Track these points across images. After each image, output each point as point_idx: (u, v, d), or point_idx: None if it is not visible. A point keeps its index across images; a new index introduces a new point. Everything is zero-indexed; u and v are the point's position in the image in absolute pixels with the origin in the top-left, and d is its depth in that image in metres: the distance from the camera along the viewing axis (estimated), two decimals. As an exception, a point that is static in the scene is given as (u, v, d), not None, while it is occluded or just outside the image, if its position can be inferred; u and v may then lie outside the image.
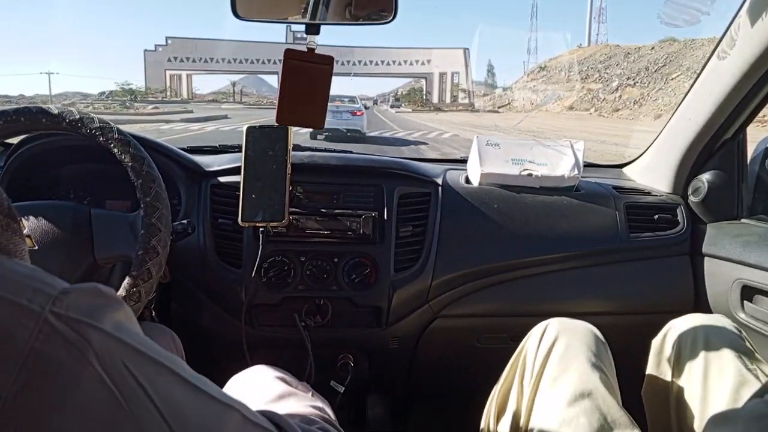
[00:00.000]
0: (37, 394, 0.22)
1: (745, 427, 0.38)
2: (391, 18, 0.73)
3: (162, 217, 0.70)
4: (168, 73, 62.03)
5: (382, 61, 61.79)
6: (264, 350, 0.97)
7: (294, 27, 0.85)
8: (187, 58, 61.34)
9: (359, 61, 60.14)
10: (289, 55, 0.68)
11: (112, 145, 0.70)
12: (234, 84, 60.79)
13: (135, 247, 0.69)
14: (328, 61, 0.69)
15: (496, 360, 0.78)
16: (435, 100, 55.59)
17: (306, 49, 0.69)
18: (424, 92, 56.61)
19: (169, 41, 62.08)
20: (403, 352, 1.00)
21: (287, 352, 0.98)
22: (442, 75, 60.30)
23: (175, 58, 61.12)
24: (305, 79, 0.69)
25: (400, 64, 62.00)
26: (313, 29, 0.71)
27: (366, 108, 13.96)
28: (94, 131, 0.70)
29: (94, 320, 0.25)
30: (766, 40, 0.79)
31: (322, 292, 0.92)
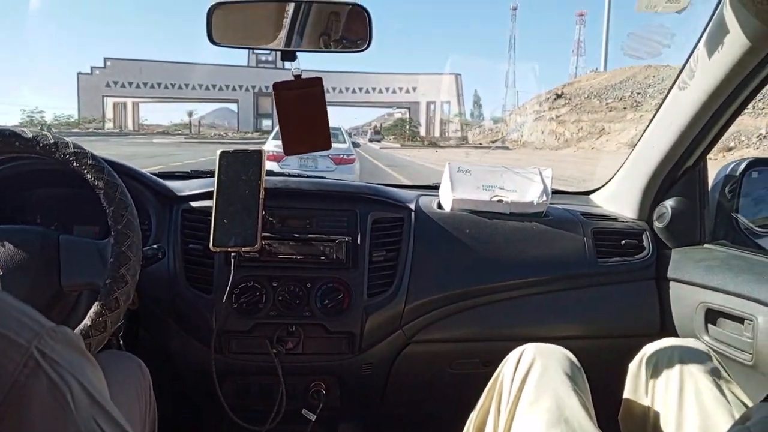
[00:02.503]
0: (18, 426, 0.26)
1: None
2: (366, 46, 0.92)
3: (132, 246, 0.80)
4: (109, 100, 62.30)
5: (360, 89, 63.11)
6: (234, 378, 1.12)
7: (257, 50, 1.06)
8: (130, 83, 61.57)
9: (333, 88, 61.19)
10: (279, 87, 0.84)
11: (85, 171, 0.80)
12: (191, 114, 61.24)
13: (103, 276, 0.79)
14: (317, 82, 0.86)
15: (468, 386, 0.94)
16: (422, 133, 56.78)
17: (292, 77, 0.86)
18: (413, 123, 57.40)
19: (108, 63, 62.20)
20: (375, 377, 1.16)
21: (257, 379, 1.13)
22: (429, 104, 62.08)
23: (115, 83, 61.20)
24: (300, 107, 0.85)
25: (381, 91, 63.47)
26: (289, 56, 0.89)
27: (356, 146, 10.46)
28: (68, 156, 0.80)
29: (75, 372, 0.30)
30: (723, 72, 1.00)
31: (294, 318, 1.07)
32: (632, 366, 0.95)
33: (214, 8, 0.90)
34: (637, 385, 0.93)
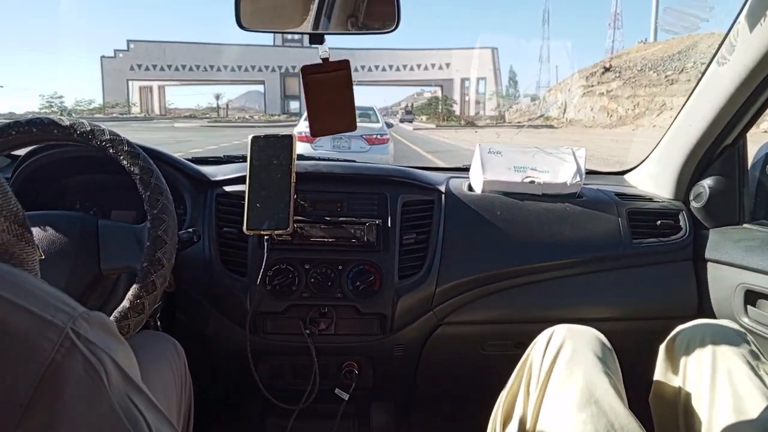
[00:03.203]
0: (55, 402, 0.28)
1: None
2: (394, 27, 0.95)
3: (168, 230, 0.85)
4: (134, 84, 63.57)
5: (391, 66, 62.64)
6: (268, 358, 1.21)
7: (285, 33, 1.11)
8: (154, 66, 62.58)
9: (362, 67, 60.90)
10: (306, 71, 0.89)
11: (121, 157, 0.87)
12: (218, 97, 61.92)
13: (140, 259, 0.84)
14: (344, 65, 0.90)
15: (500, 367, 0.99)
16: (457, 112, 56.02)
17: (320, 60, 0.90)
18: (448, 102, 56.32)
19: (132, 45, 63.22)
20: (407, 359, 1.23)
21: (291, 359, 1.21)
22: (464, 81, 61.18)
23: (139, 66, 62.20)
24: (327, 89, 0.90)
25: (412, 68, 62.85)
26: (316, 39, 0.92)
27: (389, 126, 10.91)
28: (104, 143, 0.87)
29: (110, 352, 0.33)
30: (765, 46, 1.01)
31: (326, 299, 1.15)
32: (663, 347, 0.98)
33: None
34: (668, 367, 0.96)
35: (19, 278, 0.33)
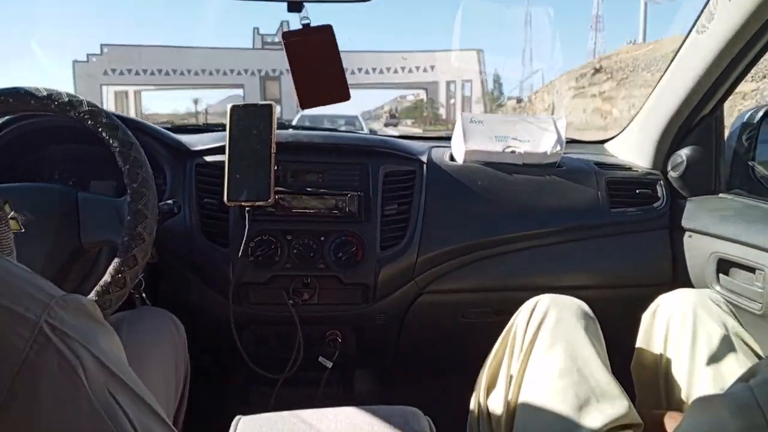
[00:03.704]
0: (30, 403, 0.27)
1: (730, 416, 0.45)
2: None
3: (148, 203, 0.87)
4: (109, 89, 62.95)
5: (374, 69, 62.87)
6: (252, 328, 1.24)
7: (262, 31, 1.12)
8: (129, 70, 62.04)
9: (344, 69, 61.30)
10: (287, 36, 0.90)
11: (100, 129, 0.87)
12: (196, 102, 61.46)
13: (121, 233, 0.86)
14: (326, 29, 0.90)
15: (480, 334, 1.03)
16: (443, 115, 56.34)
17: (301, 26, 0.90)
18: (434, 105, 56.41)
19: (105, 49, 62.95)
20: (389, 327, 1.27)
21: (275, 329, 1.24)
22: (449, 84, 61.60)
23: (113, 71, 61.79)
24: (312, 56, 0.90)
25: (396, 71, 63.04)
26: (295, 6, 0.91)
27: (372, 133, 12.04)
28: (82, 114, 0.88)
29: (86, 342, 0.32)
30: (743, 15, 1.05)
31: (309, 270, 1.18)
32: (645, 316, 1.03)
33: None
34: (650, 335, 1.00)
35: (5, 273, 0.31)
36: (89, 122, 0.88)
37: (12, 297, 0.30)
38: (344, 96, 0.92)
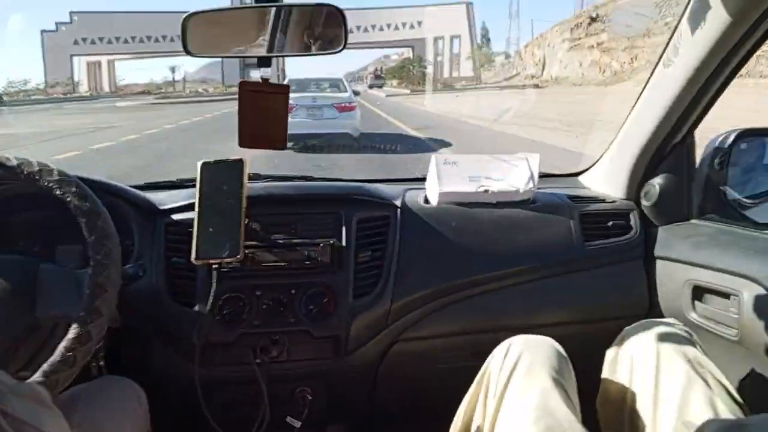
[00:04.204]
0: None
1: None
2: (341, 47, 0.99)
3: (111, 276, 0.88)
4: (81, 60, 61.35)
5: (358, 27, 61.52)
6: (219, 390, 1.24)
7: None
8: (101, 39, 60.47)
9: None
10: (245, 86, 0.94)
11: (68, 198, 0.89)
12: (173, 70, 59.95)
13: (77, 307, 0.85)
14: (284, 90, 0.96)
15: (456, 379, 1.05)
16: (431, 74, 55.54)
17: (260, 80, 0.96)
18: (421, 62, 55.33)
19: (75, 17, 60.93)
20: (362, 379, 1.29)
21: (243, 388, 1.24)
22: (437, 40, 60.51)
23: (84, 40, 60.15)
24: (263, 107, 0.95)
25: (381, 29, 61.95)
26: (265, 62, 0.98)
27: (357, 94, 12.40)
28: (51, 184, 0.90)
29: (38, 424, 0.38)
30: (706, 49, 1.09)
31: (278, 325, 1.19)
32: (609, 351, 1.04)
33: (189, 18, 0.98)
34: (614, 369, 1.01)
35: None
36: (57, 192, 0.90)
37: None
38: (282, 145, 0.97)
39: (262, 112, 0.95)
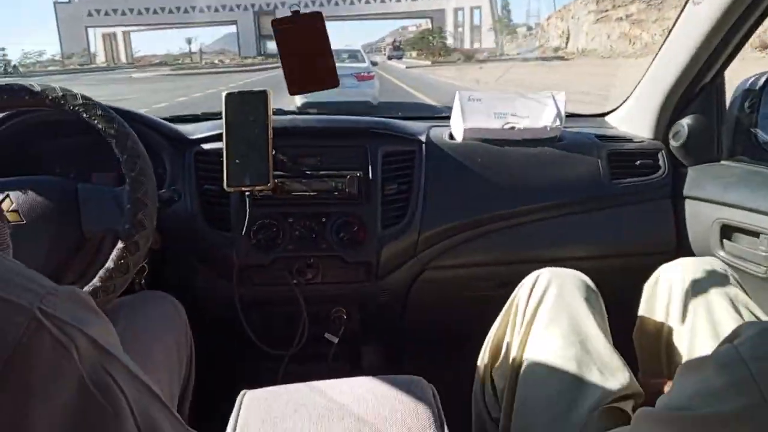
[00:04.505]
0: (25, 384, 0.30)
1: (715, 373, 0.48)
2: None
3: (148, 191, 0.92)
4: (97, 31, 61.51)
5: (375, -2, 61.12)
6: (258, 308, 1.32)
7: None
8: (114, 10, 60.61)
9: (344, 0, 59.59)
10: (277, 24, 0.94)
11: (95, 122, 0.92)
12: (190, 41, 59.80)
13: (122, 221, 0.91)
14: (317, 17, 0.94)
15: (484, 307, 1.10)
16: (452, 45, 54.80)
17: (291, 13, 0.95)
18: (441, 33, 54.52)
19: None
20: (394, 303, 1.36)
21: (281, 308, 1.32)
22: (457, 11, 59.67)
23: (98, 11, 60.35)
24: (302, 42, 0.95)
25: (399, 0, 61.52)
26: None
27: (375, 64, 12.96)
28: (77, 107, 0.93)
29: (80, 325, 0.35)
30: None
31: (311, 251, 1.25)
32: (647, 286, 1.06)
33: None
34: (652, 305, 1.04)
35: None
36: (84, 115, 0.93)
37: (7, 288, 0.33)
38: (334, 83, 0.96)
39: (304, 50, 0.94)
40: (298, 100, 6.23)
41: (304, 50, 0.95)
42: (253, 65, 41.12)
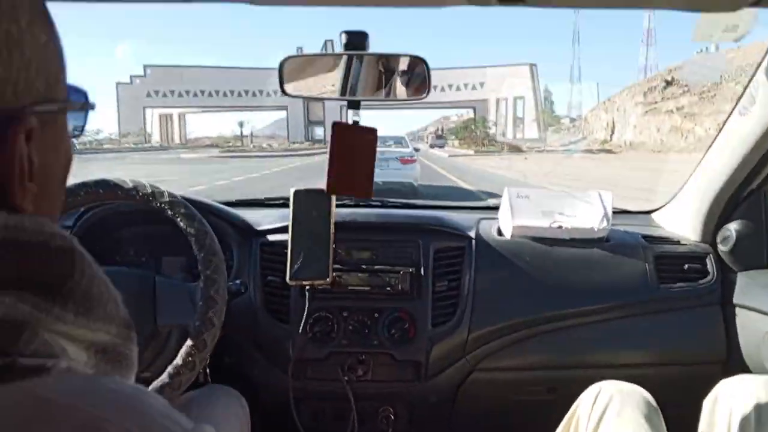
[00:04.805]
0: None
1: None
2: (425, 94, 1.13)
3: (219, 290, 1.00)
4: (154, 112, 64.93)
5: (420, 88, 62.90)
6: (309, 403, 1.36)
7: (306, 50, 1.22)
8: (172, 92, 63.73)
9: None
10: (338, 126, 1.05)
11: (178, 219, 1.03)
12: (242, 125, 62.63)
13: (193, 317, 0.99)
14: (373, 132, 1.05)
15: (533, 413, 1.12)
16: (496, 136, 55.73)
17: (351, 122, 1.08)
18: (485, 123, 55.56)
19: (149, 71, 64.63)
20: (442, 404, 1.37)
21: (331, 404, 1.36)
22: (499, 102, 61.09)
23: (156, 92, 63.49)
24: (352, 150, 1.04)
25: (443, 89, 63.12)
26: (354, 105, 1.12)
27: (417, 150, 14.13)
28: (163, 204, 1.04)
29: None
30: None
31: (363, 346, 1.30)
32: (707, 403, 1.04)
33: (285, 61, 1.12)
34: (712, 422, 1.02)
35: (142, 405, 0.37)
36: (169, 212, 1.04)
37: (151, 429, 0.35)
38: (368, 193, 1.04)
39: (352, 155, 1.04)
40: None
41: (352, 156, 1.04)
42: (300, 149, 42.90)
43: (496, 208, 1.55)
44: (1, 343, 0.34)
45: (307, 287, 1.24)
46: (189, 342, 0.98)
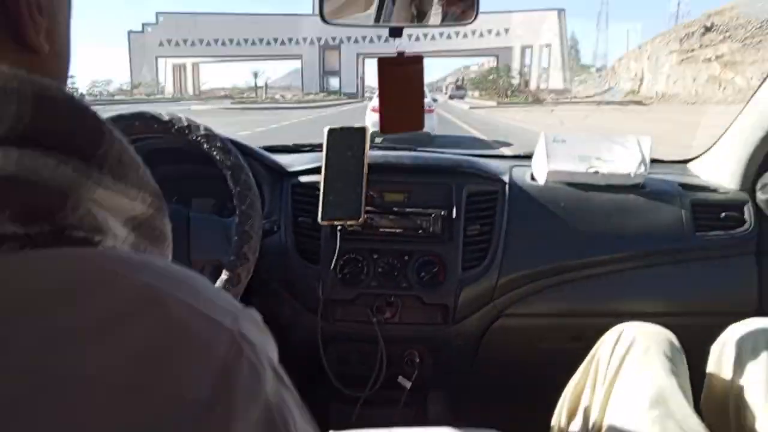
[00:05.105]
0: (230, 405, 0.32)
1: None
2: (473, 18, 1.07)
3: (254, 225, 1.00)
4: (168, 62, 64.39)
5: (441, 34, 61.50)
6: (337, 344, 1.39)
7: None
8: (185, 41, 63.04)
9: (408, 36, 60.10)
10: (384, 62, 1.01)
11: (214, 153, 1.02)
12: (256, 75, 61.70)
13: (227, 252, 0.98)
14: (419, 60, 1.01)
15: (556, 360, 1.11)
16: (518, 85, 54.66)
17: (396, 54, 1.02)
18: (509, 72, 54.24)
19: (161, 18, 63.68)
20: (467, 348, 1.39)
21: (357, 346, 1.39)
22: (524, 49, 59.57)
23: (169, 42, 62.81)
24: (401, 84, 1.01)
25: (465, 35, 61.88)
26: (396, 32, 1.05)
27: (435, 101, 14.08)
28: (199, 138, 1.03)
29: (267, 352, 0.37)
30: None
31: (393, 289, 1.31)
32: (714, 347, 1.04)
33: None
34: (719, 367, 1.01)
35: (193, 281, 0.37)
36: (204, 146, 1.03)
37: (214, 309, 0.34)
38: (420, 125, 1.03)
39: (401, 90, 1.01)
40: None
41: (401, 91, 1.01)
42: (314, 101, 42.23)
43: (528, 156, 1.54)
44: (48, 209, 0.32)
45: (339, 227, 1.25)
46: (223, 276, 0.98)
